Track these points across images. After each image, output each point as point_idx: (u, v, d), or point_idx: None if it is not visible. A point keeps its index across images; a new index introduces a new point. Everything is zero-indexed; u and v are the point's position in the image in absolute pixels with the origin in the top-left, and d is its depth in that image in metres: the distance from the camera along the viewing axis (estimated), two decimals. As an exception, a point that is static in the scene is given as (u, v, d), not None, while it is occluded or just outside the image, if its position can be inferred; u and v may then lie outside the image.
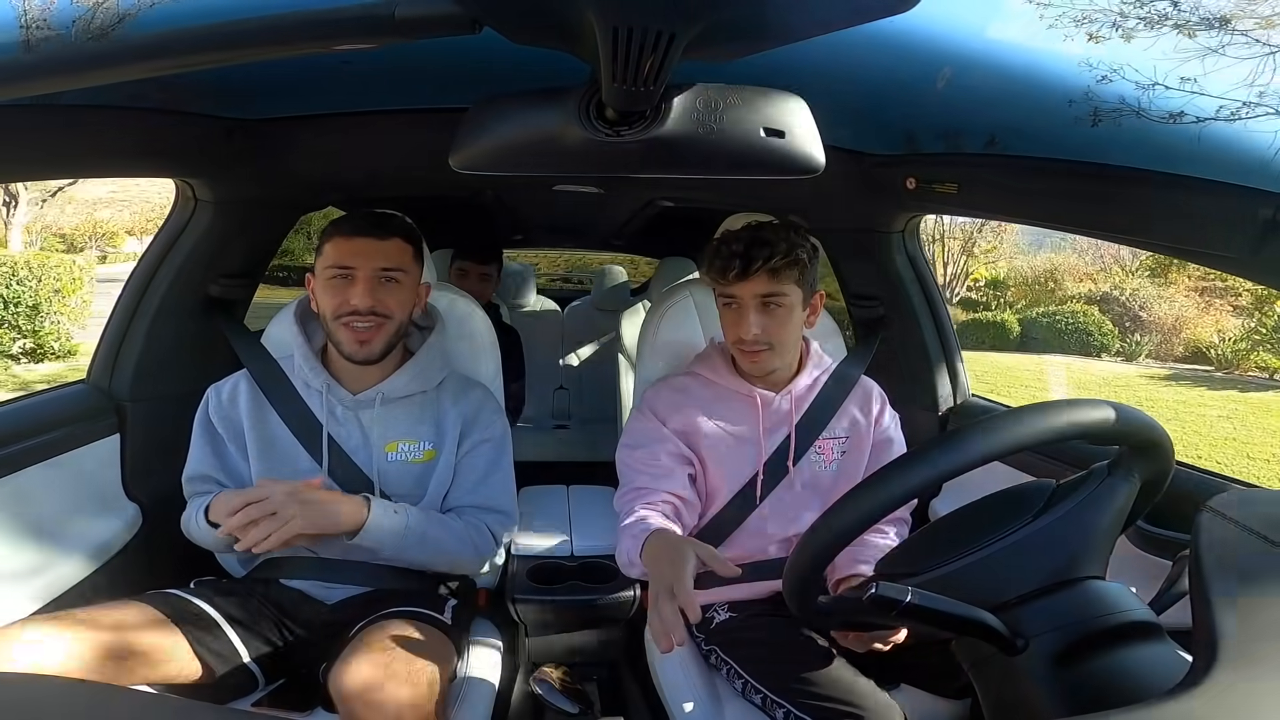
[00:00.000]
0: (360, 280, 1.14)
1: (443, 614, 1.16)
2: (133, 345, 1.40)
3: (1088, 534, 0.70)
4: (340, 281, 1.15)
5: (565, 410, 3.20)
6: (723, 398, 1.26)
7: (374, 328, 1.15)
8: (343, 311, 1.14)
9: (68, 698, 0.50)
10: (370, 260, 1.14)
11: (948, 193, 1.19)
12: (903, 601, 0.65)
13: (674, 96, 0.68)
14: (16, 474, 1.16)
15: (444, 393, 1.26)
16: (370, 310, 1.14)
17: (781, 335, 1.18)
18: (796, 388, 1.25)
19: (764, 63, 0.64)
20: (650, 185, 1.84)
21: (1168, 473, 0.72)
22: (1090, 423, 0.65)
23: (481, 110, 0.73)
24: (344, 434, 1.20)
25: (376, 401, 1.19)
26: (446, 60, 1.02)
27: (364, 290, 1.13)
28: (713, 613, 1.24)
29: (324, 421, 1.19)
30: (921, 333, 1.61)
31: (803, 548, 0.72)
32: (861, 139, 1.31)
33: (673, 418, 1.24)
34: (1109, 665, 0.60)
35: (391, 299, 1.16)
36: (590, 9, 0.51)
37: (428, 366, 1.24)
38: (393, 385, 1.21)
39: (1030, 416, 0.65)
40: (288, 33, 0.52)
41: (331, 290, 1.15)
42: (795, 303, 1.18)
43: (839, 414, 1.28)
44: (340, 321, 1.15)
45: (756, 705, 1.06)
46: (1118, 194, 0.95)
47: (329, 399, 1.19)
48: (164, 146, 1.19)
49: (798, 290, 1.17)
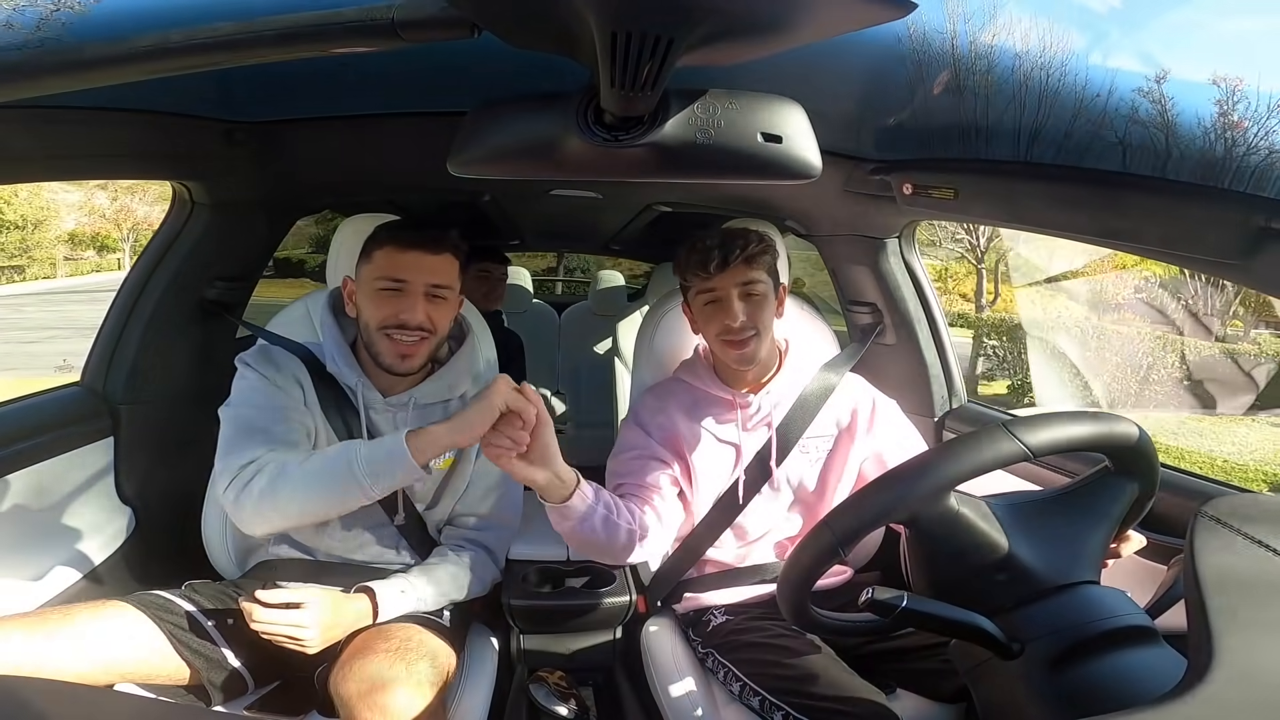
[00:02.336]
0: (412, 294, 1.11)
1: (441, 617, 1.16)
2: (127, 348, 1.39)
3: (1082, 539, 0.70)
4: (390, 293, 1.11)
5: (562, 415, 3.19)
6: (703, 402, 1.27)
7: (418, 342, 1.13)
8: (390, 324, 1.11)
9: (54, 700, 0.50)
10: (423, 275, 1.12)
11: (945, 198, 1.19)
12: (899, 606, 0.65)
13: (672, 101, 0.68)
14: (9, 476, 1.15)
15: (468, 402, 1.25)
16: (419, 326, 1.12)
17: (764, 320, 1.21)
18: (775, 388, 1.26)
19: (761, 68, 0.64)
20: (647, 190, 1.85)
21: (1154, 481, 0.73)
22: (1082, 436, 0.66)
23: (480, 114, 0.73)
24: (378, 433, 1.18)
25: (410, 405, 1.18)
26: (445, 64, 1.02)
27: (416, 305, 1.11)
28: (709, 616, 1.24)
29: (362, 416, 1.17)
30: (917, 338, 1.61)
31: (799, 553, 0.72)
32: (858, 144, 1.32)
33: (656, 424, 1.26)
34: (1104, 670, 0.60)
35: (439, 314, 1.14)
36: (589, 14, 0.51)
37: (458, 377, 1.23)
38: (425, 391, 1.19)
39: (1033, 427, 0.66)
40: (287, 36, 0.52)
41: (380, 301, 1.12)
42: (769, 291, 1.22)
43: (822, 415, 1.28)
44: (384, 332, 1.12)
45: (754, 709, 1.06)
46: (1114, 199, 0.96)
47: (364, 397, 1.17)
48: (162, 149, 1.19)
49: (770, 279, 1.22)
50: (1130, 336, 8.45)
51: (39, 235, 18.34)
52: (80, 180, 13.12)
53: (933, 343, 1.62)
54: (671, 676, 1.19)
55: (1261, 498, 0.55)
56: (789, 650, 1.08)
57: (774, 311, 1.24)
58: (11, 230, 17.81)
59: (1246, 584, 0.47)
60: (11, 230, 17.81)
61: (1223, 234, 0.83)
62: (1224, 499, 0.54)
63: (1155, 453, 0.73)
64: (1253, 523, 0.51)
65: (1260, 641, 0.44)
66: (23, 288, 17.28)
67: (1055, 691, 0.61)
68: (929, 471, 0.69)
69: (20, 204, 17.98)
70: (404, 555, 1.22)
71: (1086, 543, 0.71)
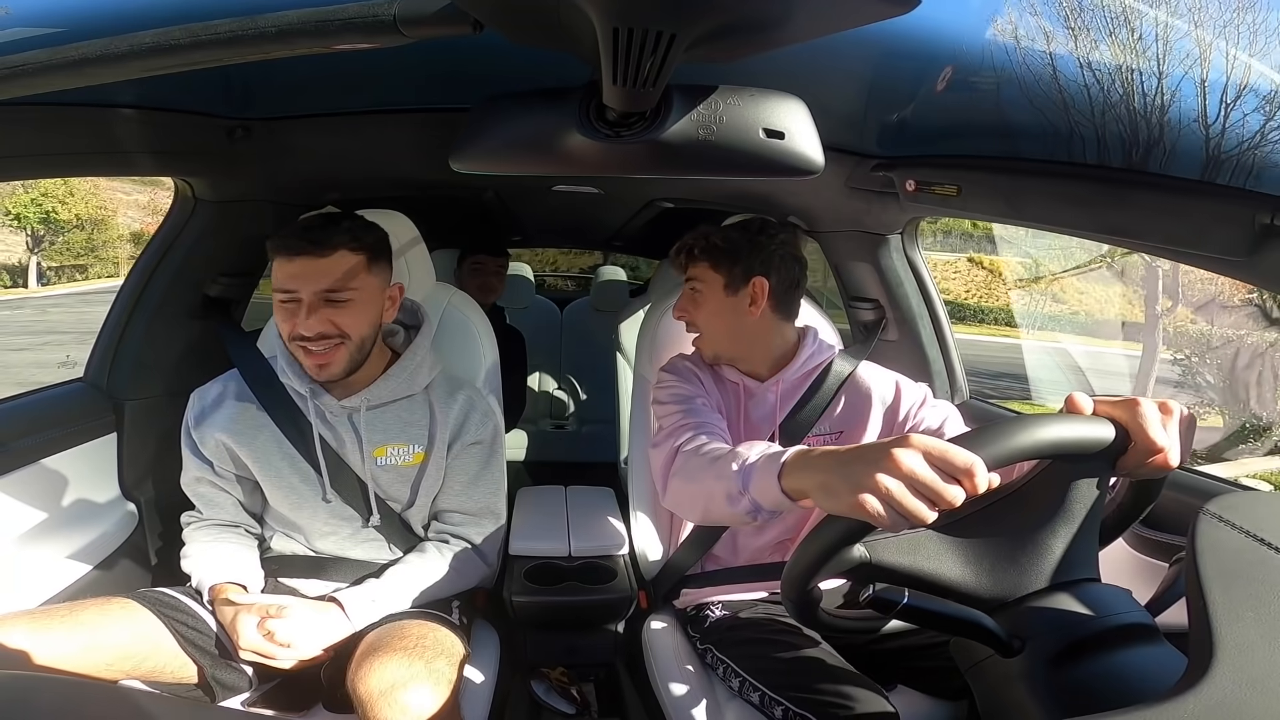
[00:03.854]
0: (305, 305, 1.06)
1: (451, 613, 1.16)
2: (130, 344, 1.40)
3: (1084, 536, 0.70)
4: (289, 306, 1.07)
5: (563, 410, 3.20)
6: (714, 384, 1.26)
7: (330, 349, 1.08)
8: (294, 336, 1.08)
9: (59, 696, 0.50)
10: (312, 283, 1.06)
11: (948, 195, 1.19)
12: (900, 602, 0.65)
13: (674, 98, 0.68)
14: (13, 472, 1.16)
15: (433, 394, 1.23)
16: (320, 335, 1.07)
17: (701, 318, 1.25)
18: (786, 377, 1.25)
19: (763, 64, 0.64)
20: (649, 186, 1.85)
21: (1162, 478, 0.73)
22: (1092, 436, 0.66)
23: (482, 111, 0.73)
24: (335, 439, 1.17)
25: (362, 408, 1.17)
26: (447, 60, 1.02)
27: (309, 316, 1.06)
28: (707, 611, 1.24)
29: (314, 425, 1.16)
30: (920, 334, 1.61)
31: (803, 549, 0.72)
32: (861, 140, 1.31)
33: (693, 377, 1.25)
34: (1105, 667, 0.60)
35: (345, 319, 1.08)
36: (591, 10, 0.51)
37: (415, 370, 1.20)
38: (377, 392, 1.17)
39: (1042, 425, 0.66)
40: (289, 32, 0.52)
41: (282, 315, 1.08)
42: (710, 290, 1.23)
43: (829, 410, 1.26)
44: (296, 345, 1.09)
45: (754, 704, 1.06)
46: (1117, 196, 0.95)
47: (315, 405, 1.16)
48: (164, 146, 1.19)
49: (716, 277, 1.22)
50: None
51: (103, 234, 18.83)
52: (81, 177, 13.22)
53: (935, 339, 1.62)
54: (673, 672, 1.19)
55: (1264, 495, 0.55)
56: (789, 646, 1.08)
57: (719, 310, 1.23)
58: (74, 230, 18.31)
59: (1249, 582, 0.47)
60: (74, 230, 18.31)
61: (1227, 231, 0.82)
62: (1227, 496, 0.54)
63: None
64: (1256, 521, 0.51)
65: (1262, 640, 0.44)
66: (81, 286, 17.72)
67: (1056, 689, 0.61)
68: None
69: (76, 203, 18.42)
70: (395, 552, 1.22)
71: (1087, 539, 0.71)
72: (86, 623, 0.95)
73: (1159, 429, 0.65)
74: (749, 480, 0.82)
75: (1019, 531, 0.69)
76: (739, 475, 0.84)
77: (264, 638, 1.00)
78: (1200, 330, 7.22)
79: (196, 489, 1.20)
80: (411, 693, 0.89)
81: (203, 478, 1.19)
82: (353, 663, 0.95)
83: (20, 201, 18.55)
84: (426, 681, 0.91)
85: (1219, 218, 0.83)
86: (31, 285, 19.12)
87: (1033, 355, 10.09)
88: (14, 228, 18.39)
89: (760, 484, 0.80)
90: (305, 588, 1.19)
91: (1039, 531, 0.68)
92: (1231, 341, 6.44)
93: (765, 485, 0.78)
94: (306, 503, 1.17)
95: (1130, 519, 0.76)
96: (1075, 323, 11.74)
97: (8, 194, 18.05)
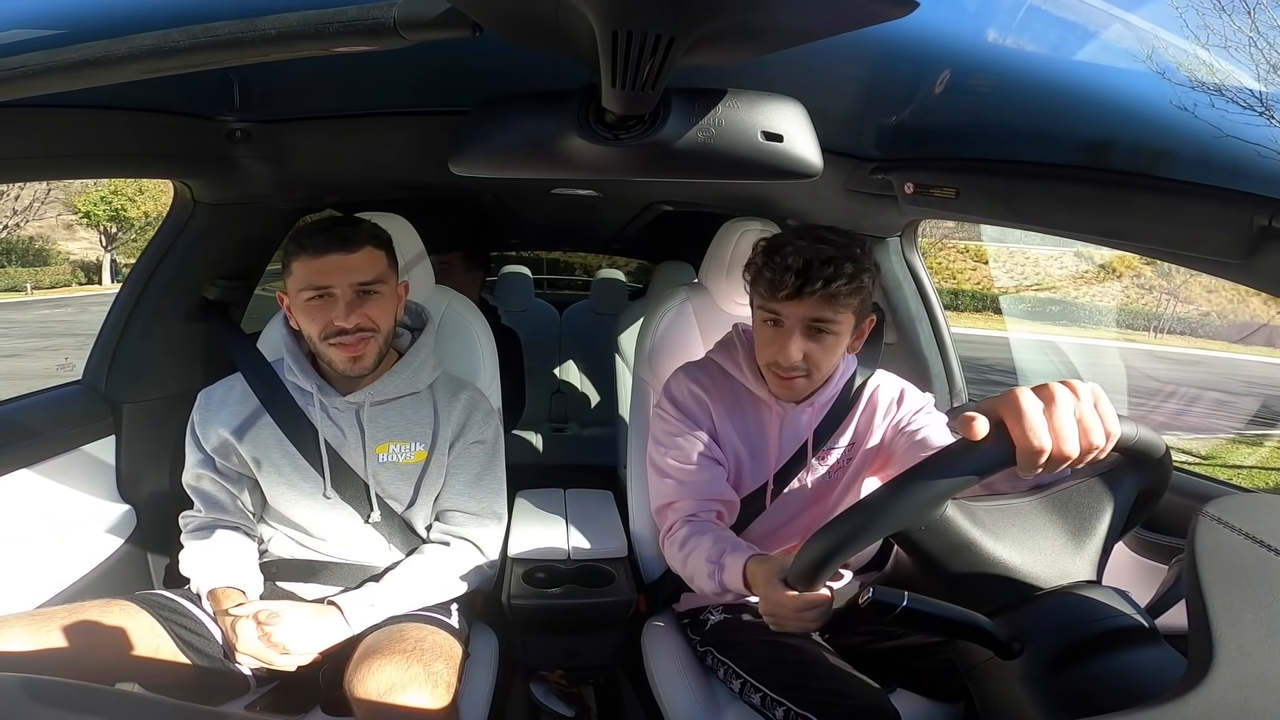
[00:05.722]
0: (340, 299, 1.09)
1: (449, 616, 1.16)
2: (129, 346, 1.40)
3: (1085, 539, 0.70)
4: (319, 303, 1.10)
5: (563, 413, 3.20)
6: (743, 401, 1.22)
7: (363, 341, 1.12)
8: (329, 333, 1.10)
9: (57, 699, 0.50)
10: (345, 276, 1.09)
11: (946, 197, 1.19)
12: (899, 605, 0.65)
13: (673, 101, 0.68)
14: (10, 475, 1.15)
15: (436, 394, 1.24)
16: (358, 327, 1.10)
17: (824, 363, 1.08)
18: (820, 400, 1.20)
19: (762, 67, 0.64)
20: (648, 189, 1.85)
21: (1166, 481, 0.73)
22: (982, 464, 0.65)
23: (481, 114, 0.74)
24: (337, 437, 1.18)
25: (366, 404, 1.18)
26: (446, 63, 1.02)
27: (346, 310, 1.09)
28: (707, 614, 1.24)
29: (318, 425, 1.18)
30: (919, 337, 1.61)
31: (804, 552, 0.72)
32: (859, 143, 1.32)
33: (697, 413, 1.21)
34: (1104, 669, 0.60)
35: (375, 311, 1.12)
36: (590, 13, 0.51)
37: (419, 368, 1.22)
38: (381, 388, 1.18)
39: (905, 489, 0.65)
40: (288, 35, 0.52)
41: (312, 313, 1.11)
42: (846, 330, 1.07)
43: (848, 422, 1.24)
44: (328, 343, 1.11)
45: (755, 705, 1.06)
46: (1115, 198, 0.96)
47: (320, 401, 1.18)
48: (164, 148, 1.19)
49: (852, 318, 1.07)
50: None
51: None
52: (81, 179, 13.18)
53: (934, 341, 1.62)
54: (672, 675, 1.19)
55: (1263, 497, 0.55)
56: (789, 647, 1.07)
57: (842, 353, 1.11)
58: (147, 228, 18.49)
59: (1248, 584, 0.47)
60: (147, 228, 18.49)
61: (1224, 233, 0.83)
62: (1226, 499, 0.54)
63: (1168, 453, 0.71)
64: (1255, 523, 0.51)
65: (1261, 642, 0.44)
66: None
67: (1055, 691, 0.61)
68: (936, 477, 0.67)
69: (145, 201, 18.86)
70: (394, 554, 1.22)
71: (1088, 542, 0.71)
72: (86, 625, 0.94)
73: (1037, 422, 0.59)
74: (720, 576, 1.05)
75: (1019, 534, 0.69)
76: (712, 579, 1.06)
77: (262, 641, 1.00)
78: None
79: (197, 486, 1.20)
80: (409, 696, 0.89)
81: (204, 474, 1.19)
82: (351, 666, 0.95)
83: (90, 199, 18.94)
84: (425, 684, 0.91)
85: (1216, 220, 0.83)
86: (105, 282, 19.61)
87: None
88: (85, 224, 18.75)
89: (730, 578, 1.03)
90: (304, 591, 1.18)
91: (1040, 534, 0.68)
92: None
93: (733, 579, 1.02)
94: (306, 500, 1.17)
95: (1132, 523, 0.76)
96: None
97: (78, 191, 18.27)
